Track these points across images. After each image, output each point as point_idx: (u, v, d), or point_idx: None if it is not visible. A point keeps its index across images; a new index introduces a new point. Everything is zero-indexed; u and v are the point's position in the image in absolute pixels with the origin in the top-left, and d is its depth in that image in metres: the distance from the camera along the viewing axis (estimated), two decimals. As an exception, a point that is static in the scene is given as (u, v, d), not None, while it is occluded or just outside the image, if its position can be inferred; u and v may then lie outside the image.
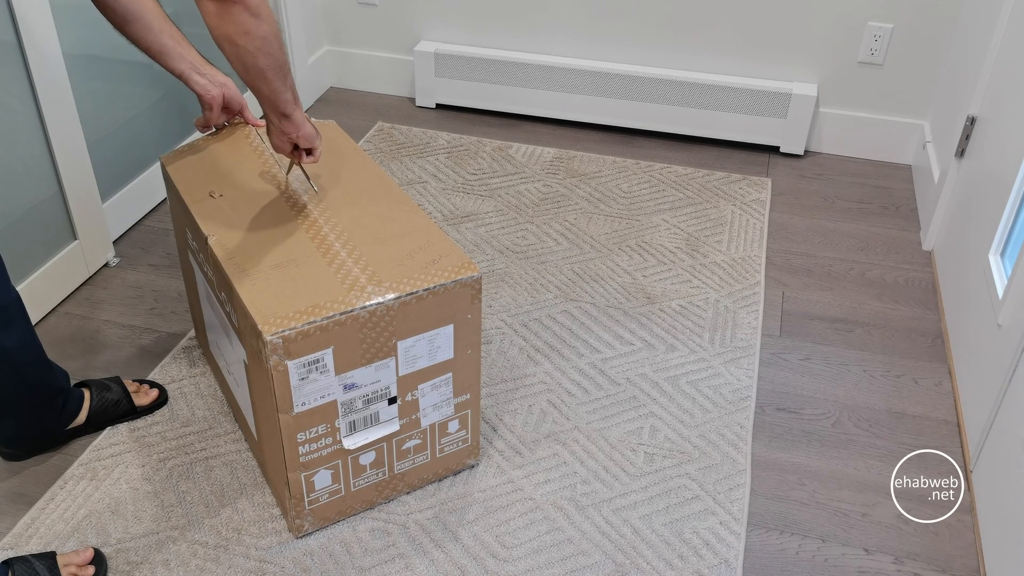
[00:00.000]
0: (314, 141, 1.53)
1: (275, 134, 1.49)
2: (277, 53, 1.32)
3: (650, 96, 2.79)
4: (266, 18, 1.28)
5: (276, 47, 1.32)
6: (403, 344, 1.43)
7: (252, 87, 1.37)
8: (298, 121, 1.47)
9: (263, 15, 1.27)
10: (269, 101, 1.41)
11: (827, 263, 2.32)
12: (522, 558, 1.53)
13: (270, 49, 1.30)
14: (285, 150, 1.53)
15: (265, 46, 1.29)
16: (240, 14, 1.24)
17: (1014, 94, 1.91)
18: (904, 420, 1.85)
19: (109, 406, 1.73)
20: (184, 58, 1.58)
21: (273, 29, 1.30)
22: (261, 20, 1.27)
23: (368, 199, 1.59)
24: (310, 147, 1.53)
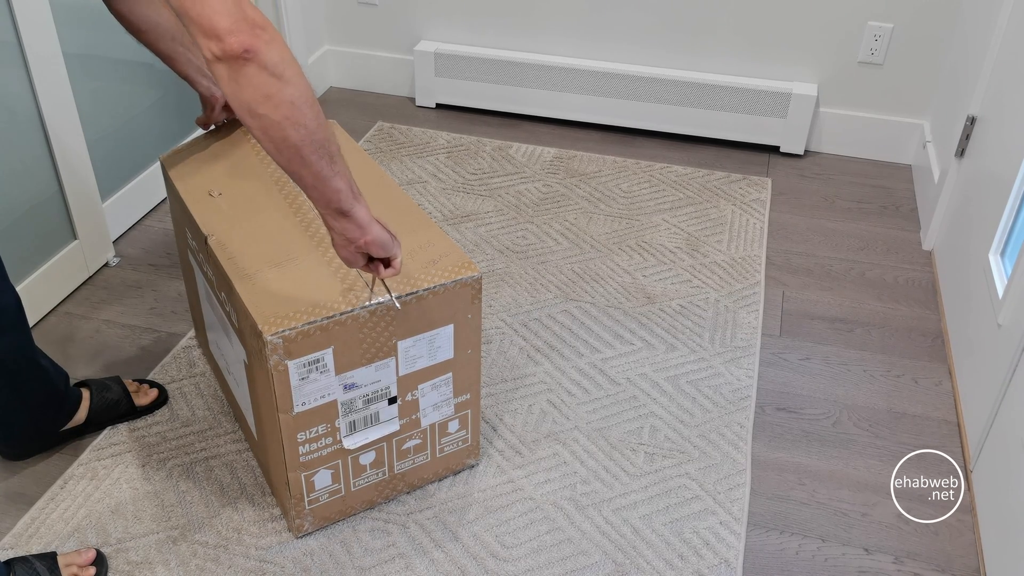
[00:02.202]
0: (391, 248, 1.24)
1: (338, 243, 1.22)
2: (312, 124, 1.06)
3: (650, 96, 2.79)
4: (292, 80, 1.02)
5: (310, 116, 1.05)
6: (403, 344, 1.43)
7: (292, 174, 1.11)
8: (362, 221, 1.18)
9: (288, 76, 1.02)
10: (317, 193, 1.13)
11: (827, 263, 2.32)
12: (522, 558, 1.53)
13: (301, 119, 1.04)
14: (357, 263, 1.25)
15: (294, 114, 1.04)
16: (256, 76, 1.00)
17: (1014, 94, 1.91)
18: (904, 420, 1.85)
19: (109, 406, 1.73)
20: (191, 62, 1.56)
21: (304, 93, 1.04)
22: (285, 82, 1.02)
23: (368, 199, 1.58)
24: (386, 256, 1.25)
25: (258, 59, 0.99)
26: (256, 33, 0.99)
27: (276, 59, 1.00)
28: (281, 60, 1.01)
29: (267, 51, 0.99)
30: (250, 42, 0.98)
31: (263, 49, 0.99)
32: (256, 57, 0.99)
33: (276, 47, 1.01)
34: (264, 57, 0.99)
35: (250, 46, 0.98)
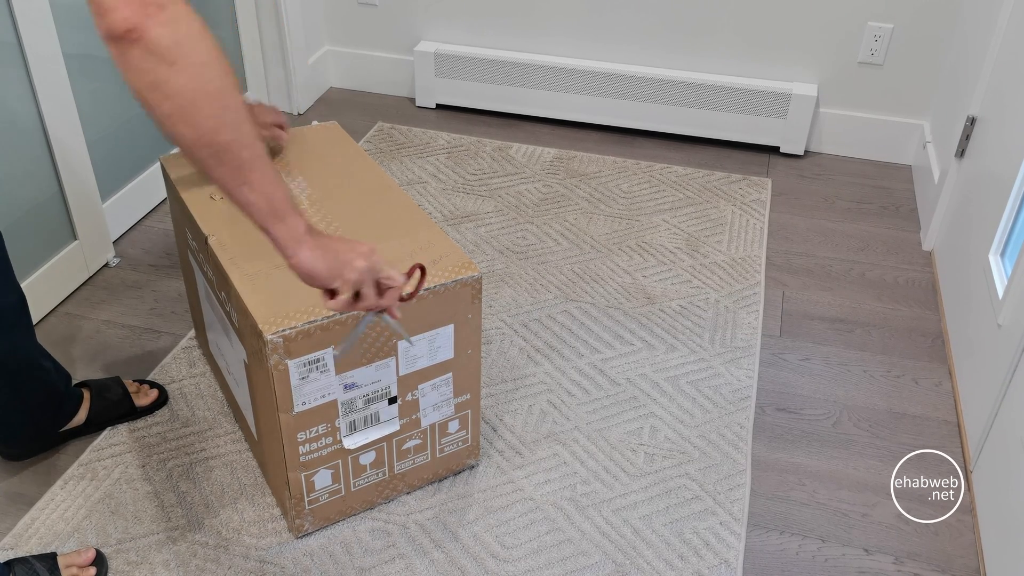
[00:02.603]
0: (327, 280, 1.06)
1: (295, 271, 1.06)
2: (208, 124, 0.90)
3: (650, 96, 2.79)
4: (187, 68, 0.87)
5: (207, 114, 0.89)
6: (403, 344, 1.43)
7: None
8: (282, 242, 1.01)
9: (182, 63, 0.86)
10: (235, 202, 0.98)
11: (827, 263, 2.32)
12: (522, 558, 1.53)
13: (193, 116, 0.89)
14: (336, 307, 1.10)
15: (185, 109, 0.88)
16: (142, 60, 0.85)
17: (1014, 94, 1.91)
18: (904, 420, 1.85)
19: (109, 406, 1.73)
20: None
21: (203, 85, 0.88)
22: (177, 70, 0.86)
23: (368, 199, 1.59)
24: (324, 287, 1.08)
25: (144, 40, 0.84)
26: (148, 11, 0.84)
27: (168, 42, 0.85)
28: (175, 43, 0.85)
29: (157, 31, 0.84)
30: (136, 20, 0.84)
31: (152, 29, 0.84)
32: (142, 38, 0.84)
33: (172, 27, 0.85)
34: (152, 38, 0.84)
35: (135, 24, 0.84)
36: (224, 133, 0.91)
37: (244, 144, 0.93)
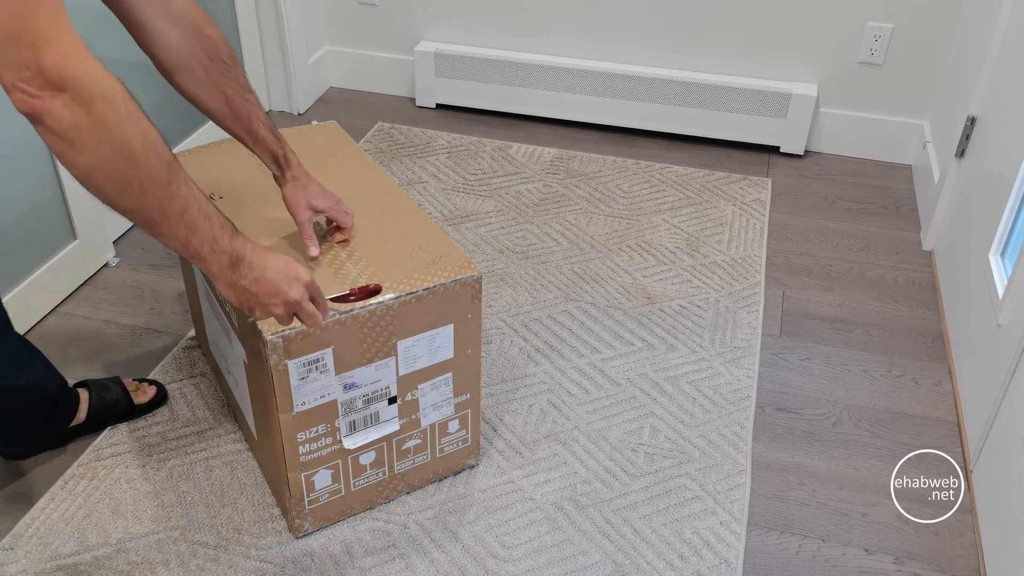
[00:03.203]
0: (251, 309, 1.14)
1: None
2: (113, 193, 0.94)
3: (650, 96, 2.79)
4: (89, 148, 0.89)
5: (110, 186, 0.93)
6: (403, 344, 1.43)
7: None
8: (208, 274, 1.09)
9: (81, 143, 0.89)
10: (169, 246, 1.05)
11: (827, 263, 2.32)
12: (522, 558, 1.53)
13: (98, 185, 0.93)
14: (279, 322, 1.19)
15: (89, 180, 0.92)
16: (45, 135, 0.89)
17: (1014, 94, 1.91)
18: (904, 420, 1.85)
19: (108, 405, 1.73)
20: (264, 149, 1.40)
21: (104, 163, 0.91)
22: (77, 150, 0.89)
23: (368, 199, 1.59)
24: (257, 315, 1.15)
25: (44, 123, 0.87)
26: (44, 94, 0.86)
27: (66, 125, 0.87)
28: (72, 127, 0.87)
29: (54, 116, 0.87)
30: (32, 104, 0.86)
31: (49, 113, 0.86)
32: (41, 121, 0.87)
33: (70, 111, 0.87)
34: (48, 123, 0.87)
35: (33, 108, 0.86)
36: (126, 201, 0.95)
37: (152, 207, 0.97)
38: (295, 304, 1.16)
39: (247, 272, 1.11)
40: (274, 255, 1.15)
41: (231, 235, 1.10)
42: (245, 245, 1.11)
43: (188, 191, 1.01)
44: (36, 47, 0.84)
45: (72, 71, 0.87)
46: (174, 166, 0.99)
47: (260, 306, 1.14)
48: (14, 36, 0.83)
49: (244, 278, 1.11)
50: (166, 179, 0.97)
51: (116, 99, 0.90)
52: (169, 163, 0.98)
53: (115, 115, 0.90)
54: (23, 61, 0.84)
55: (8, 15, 0.83)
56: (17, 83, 0.85)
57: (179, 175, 1.00)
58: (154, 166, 0.95)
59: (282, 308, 1.15)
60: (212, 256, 1.07)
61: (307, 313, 1.18)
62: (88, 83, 0.88)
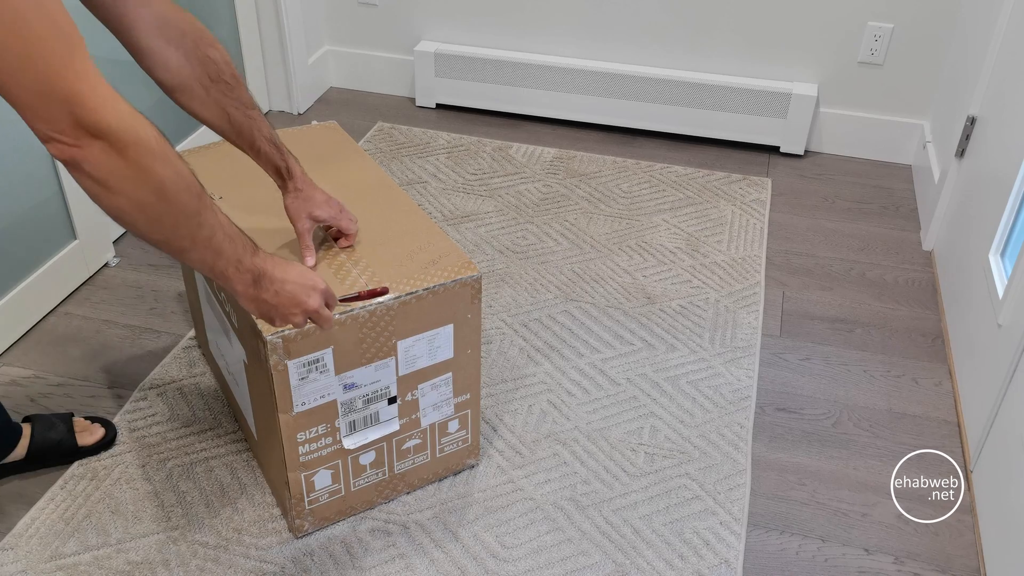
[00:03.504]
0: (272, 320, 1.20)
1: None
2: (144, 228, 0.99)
3: (650, 96, 2.79)
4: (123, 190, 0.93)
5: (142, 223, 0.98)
6: (403, 344, 1.43)
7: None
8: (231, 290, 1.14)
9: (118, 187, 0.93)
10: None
11: (827, 263, 2.32)
12: (522, 558, 1.53)
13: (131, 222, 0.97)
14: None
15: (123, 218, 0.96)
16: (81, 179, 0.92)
17: (1014, 94, 1.91)
18: (904, 420, 1.85)
19: (50, 445, 1.65)
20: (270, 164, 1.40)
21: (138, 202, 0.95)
22: (113, 193, 0.93)
23: (368, 199, 1.59)
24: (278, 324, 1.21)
25: (80, 169, 0.91)
26: (82, 143, 0.89)
27: (102, 172, 0.91)
28: (109, 173, 0.91)
29: (91, 163, 0.90)
30: (69, 153, 0.89)
31: (85, 161, 0.90)
32: (78, 167, 0.91)
33: (106, 157, 0.90)
34: (85, 169, 0.90)
35: (69, 157, 0.90)
36: (159, 234, 1.00)
37: (183, 237, 1.02)
38: (313, 312, 1.21)
39: (268, 286, 1.15)
40: (291, 266, 1.19)
41: (253, 252, 1.14)
42: (266, 260, 1.16)
43: (214, 218, 1.06)
44: (70, 100, 0.87)
45: (107, 120, 0.89)
46: (202, 196, 1.03)
47: (280, 316, 1.19)
48: (49, 92, 0.86)
49: (265, 292, 1.15)
50: (196, 210, 1.02)
51: (149, 141, 0.93)
52: (198, 194, 1.02)
53: (149, 157, 0.94)
54: (58, 114, 0.87)
55: (42, 72, 0.85)
56: (53, 134, 0.88)
57: (207, 204, 1.04)
58: (185, 200, 1.00)
59: (300, 317, 1.20)
60: (236, 275, 1.12)
61: (323, 318, 1.23)
62: (123, 129, 0.91)
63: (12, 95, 0.86)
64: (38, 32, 0.84)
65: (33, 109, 0.87)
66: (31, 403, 1.81)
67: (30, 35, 0.84)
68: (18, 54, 0.84)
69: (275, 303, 1.17)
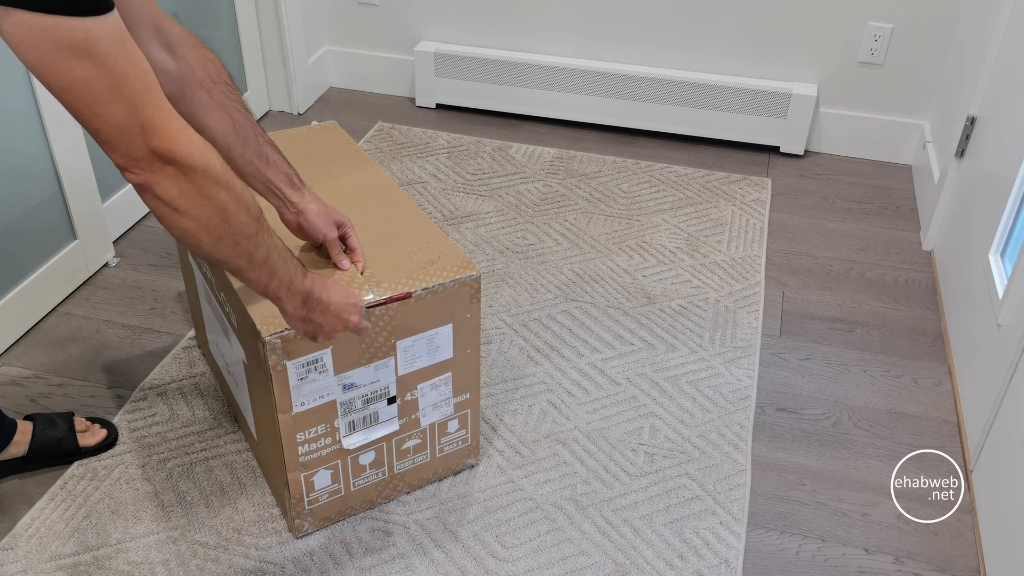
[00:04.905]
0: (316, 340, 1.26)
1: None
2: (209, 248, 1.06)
3: (650, 96, 2.79)
4: (192, 213, 1.00)
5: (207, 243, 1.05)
6: (402, 344, 1.43)
7: None
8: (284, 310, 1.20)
9: (187, 209, 1.00)
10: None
11: (827, 263, 2.32)
12: (522, 558, 1.53)
13: (196, 243, 1.05)
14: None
15: (188, 239, 1.04)
16: (151, 202, 0.99)
17: (1014, 94, 1.91)
18: (904, 420, 1.85)
19: (51, 443, 1.65)
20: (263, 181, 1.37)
21: (205, 224, 1.03)
22: (182, 215, 1.00)
23: (368, 199, 1.59)
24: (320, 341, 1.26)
25: (152, 192, 0.97)
26: (154, 167, 0.96)
27: (173, 195, 0.98)
28: (180, 195, 0.98)
29: (163, 186, 0.97)
30: (143, 178, 0.97)
31: (158, 184, 0.97)
32: (151, 191, 0.97)
33: (178, 182, 0.98)
34: (158, 192, 0.97)
35: (143, 181, 0.97)
36: (221, 252, 1.07)
37: (242, 256, 1.09)
38: (353, 327, 1.27)
39: (316, 307, 1.21)
40: (335, 285, 1.24)
41: (303, 274, 1.19)
42: (314, 281, 1.21)
43: (270, 239, 1.12)
44: (147, 133, 0.94)
45: (179, 149, 0.97)
46: (260, 219, 1.10)
47: (325, 335, 1.25)
48: (127, 126, 0.93)
49: (313, 311, 1.21)
50: (254, 231, 1.09)
51: (216, 169, 1.01)
52: (257, 217, 1.09)
53: (215, 184, 1.01)
54: (136, 146, 0.94)
55: (123, 109, 0.92)
56: (130, 163, 0.96)
57: (264, 227, 1.11)
58: (244, 221, 1.07)
59: (341, 332, 1.27)
60: (288, 296, 1.18)
61: (363, 330, 1.30)
62: (193, 158, 0.98)
63: (95, 127, 0.93)
64: (124, 71, 0.91)
65: (115, 140, 0.94)
66: (31, 403, 1.81)
67: (117, 73, 0.91)
68: (107, 91, 0.91)
69: (321, 322, 1.22)
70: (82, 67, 0.89)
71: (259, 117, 2.93)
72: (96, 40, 0.89)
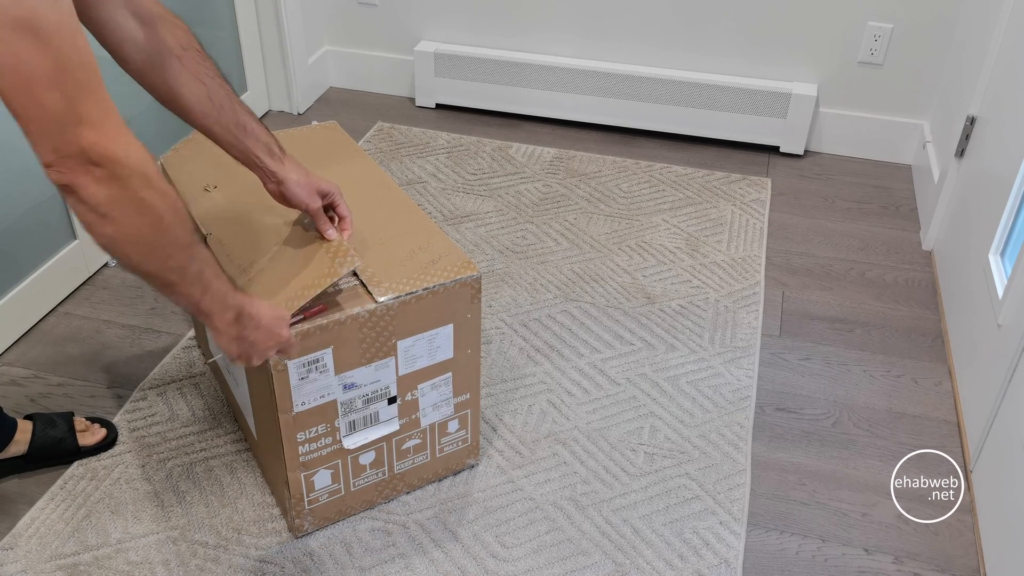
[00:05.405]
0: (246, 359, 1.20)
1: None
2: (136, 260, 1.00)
3: (650, 96, 2.79)
4: (119, 219, 0.94)
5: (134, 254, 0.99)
6: (403, 344, 1.43)
7: None
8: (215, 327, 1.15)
9: (114, 215, 0.94)
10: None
11: (827, 263, 2.32)
12: (522, 558, 1.53)
13: (122, 253, 0.99)
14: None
15: (114, 248, 0.98)
16: (76, 205, 0.93)
17: (1014, 94, 1.91)
18: (904, 420, 1.85)
19: (51, 443, 1.65)
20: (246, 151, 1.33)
21: (132, 232, 0.97)
22: (108, 221, 0.94)
23: (368, 199, 1.59)
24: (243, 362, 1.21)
25: (77, 194, 0.91)
26: (84, 169, 0.90)
27: (99, 199, 0.92)
28: (107, 199, 0.92)
29: (89, 189, 0.91)
30: (68, 178, 0.90)
31: (84, 187, 0.91)
32: (75, 192, 0.91)
33: (105, 186, 0.92)
34: (83, 195, 0.91)
35: (69, 182, 0.91)
36: (150, 265, 1.02)
37: (172, 270, 1.04)
38: (286, 342, 1.23)
39: (248, 323, 1.17)
40: (258, 300, 1.21)
41: (233, 290, 1.16)
42: (243, 298, 1.17)
43: (204, 253, 1.08)
44: (82, 127, 0.89)
45: (113, 150, 0.92)
46: (194, 233, 1.06)
47: (258, 353, 1.20)
48: (62, 118, 0.88)
49: (246, 328, 1.17)
50: (187, 243, 1.04)
51: (151, 176, 0.96)
52: (191, 229, 1.05)
53: (149, 191, 0.96)
54: (67, 140, 0.89)
55: (60, 99, 0.87)
56: (56, 159, 0.90)
57: (197, 240, 1.07)
58: (178, 234, 1.02)
59: (275, 349, 1.23)
60: (220, 312, 1.13)
61: (292, 345, 1.27)
62: (128, 161, 0.93)
63: (27, 114, 0.88)
64: (68, 57, 0.87)
65: (45, 132, 0.89)
66: (31, 403, 1.81)
67: (60, 59, 0.86)
68: (47, 76, 0.86)
69: (255, 339, 1.18)
70: (23, 46, 0.84)
71: (259, 117, 2.93)
72: (42, 20, 0.84)
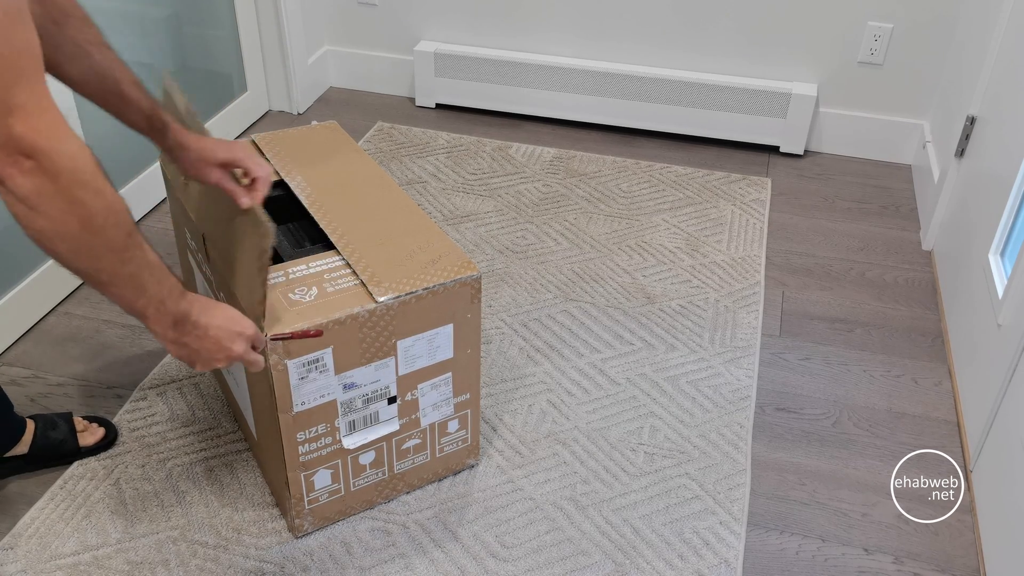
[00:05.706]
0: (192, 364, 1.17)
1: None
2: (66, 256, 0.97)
3: (650, 96, 2.79)
4: (49, 213, 0.91)
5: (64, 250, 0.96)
6: (403, 344, 1.43)
7: None
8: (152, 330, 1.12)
9: (44, 209, 0.91)
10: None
11: (827, 263, 2.32)
12: (522, 558, 1.53)
13: (52, 248, 0.96)
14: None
15: (44, 242, 0.95)
16: (5, 196, 0.90)
17: (1014, 94, 1.91)
18: (904, 420, 1.85)
19: (53, 444, 1.65)
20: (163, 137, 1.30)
21: (62, 229, 0.93)
22: (38, 214, 0.91)
23: (368, 199, 1.59)
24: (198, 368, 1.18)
25: (7, 186, 0.89)
26: (12, 160, 0.87)
27: (29, 191, 0.89)
28: (36, 193, 0.89)
29: (19, 180, 0.88)
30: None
31: (14, 178, 0.88)
32: (3, 183, 0.89)
33: (37, 178, 0.89)
34: (12, 186, 0.89)
35: None
36: (79, 263, 0.98)
37: (102, 271, 1.00)
38: (238, 357, 1.19)
39: (191, 331, 1.13)
40: (219, 309, 1.17)
41: (180, 295, 1.11)
42: (192, 304, 1.13)
43: (142, 256, 1.04)
44: (12, 116, 0.86)
45: (45, 142, 0.88)
46: (133, 234, 1.01)
47: (202, 361, 1.17)
48: None
49: (187, 335, 1.13)
50: (122, 246, 1.00)
51: (86, 173, 0.92)
52: (129, 232, 1.00)
53: (82, 189, 0.92)
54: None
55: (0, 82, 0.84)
56: None
57: (137, 242, 1.02)
58: (112, 236, 0.98)
59: (225, 362, 1.18)
60: (156, 316, 1.10)
61: (251, 362, 1.22)
62: (60, 155, 0.89)
63: None
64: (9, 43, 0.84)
65: None
66: (31, 403, 1.81)
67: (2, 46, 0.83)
68: None
69: (197, 347, 1.15)
70: None
71: (259, 117, 2.93)
72: None
